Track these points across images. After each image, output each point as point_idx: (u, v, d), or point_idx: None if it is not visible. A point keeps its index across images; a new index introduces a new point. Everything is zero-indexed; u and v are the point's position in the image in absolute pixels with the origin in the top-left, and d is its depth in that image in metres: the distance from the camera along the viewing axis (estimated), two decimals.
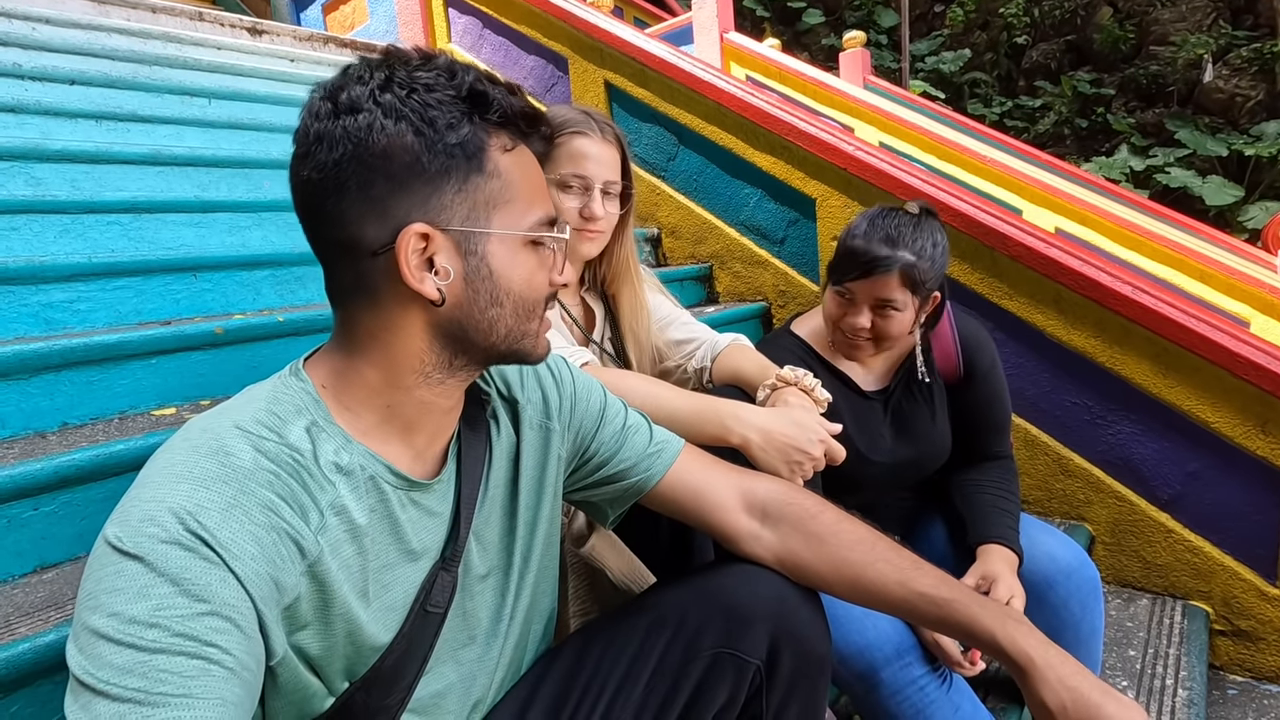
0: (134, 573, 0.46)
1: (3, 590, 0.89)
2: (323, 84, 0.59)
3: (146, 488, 0.50)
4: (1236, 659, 1.60)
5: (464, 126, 0.57)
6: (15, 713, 0.75)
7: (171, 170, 1.74)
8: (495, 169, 0.59)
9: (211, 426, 0.55)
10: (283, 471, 0.54)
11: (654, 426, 0.84)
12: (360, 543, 0.59)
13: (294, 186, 0.59)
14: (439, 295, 0.58)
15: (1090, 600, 1.11)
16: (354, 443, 0.59)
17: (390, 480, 0.61)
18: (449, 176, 0.57)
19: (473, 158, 0.58)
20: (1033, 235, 1.78)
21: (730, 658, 0.72)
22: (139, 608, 0.45)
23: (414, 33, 3.40)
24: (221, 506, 0.50)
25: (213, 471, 0.51)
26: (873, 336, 1.17)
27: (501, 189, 0.60)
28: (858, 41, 4.98)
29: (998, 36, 9.86)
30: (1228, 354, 1.55)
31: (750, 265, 2.32)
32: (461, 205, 0.58)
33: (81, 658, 0.45)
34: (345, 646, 0.59)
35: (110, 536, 0.48)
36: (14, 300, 1.24)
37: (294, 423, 0.57)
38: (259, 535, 0.51)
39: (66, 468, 0.96)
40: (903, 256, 1.11)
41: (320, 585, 0.56)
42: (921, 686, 0.97)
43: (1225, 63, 8.28)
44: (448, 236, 0.58)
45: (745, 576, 0.76)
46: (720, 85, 2.27)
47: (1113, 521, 1.73)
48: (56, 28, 2.31)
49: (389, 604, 0.62)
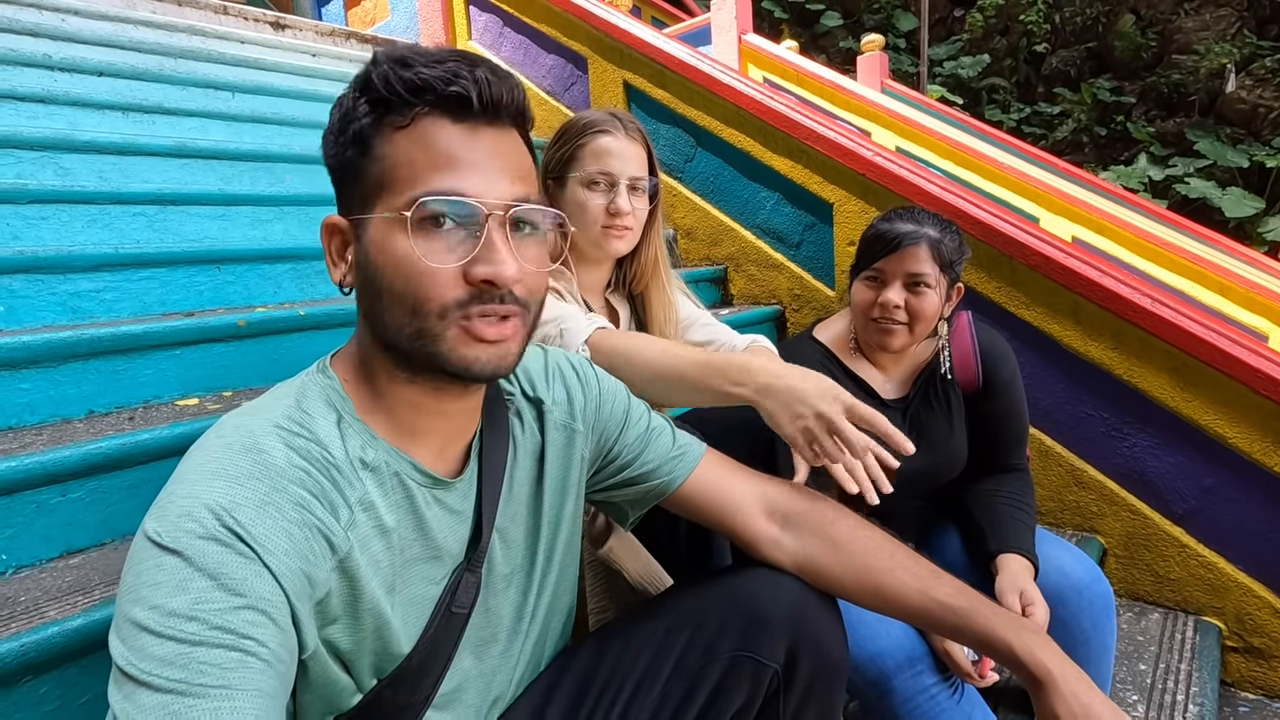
0: (173, 567, 0.47)
1: (31, 574, 0.91)
2: None
3: (183, 484, 0.52)
4: (1249, 676, 1.59)
5: (360, 110, 0.58)
6: (44, 694, 0.76)
7: (196, 163, 1.77)
8: (381, 153, 0.57)
9: (245, 424, 0.56)
10: (314, 469, 0.55)
11: (678, 431, 0.85)
12: (388, 539, 0.60)
13: None
14: (346, 287, 0.61)
15: (1102, 617, 1.11)
16: (378, 439, 0.60)
17: (415, 477, 0.62)
18: (347, 167, 0.59)
19: (360, 143, 0.58)
20: (1052, 245, 1.77)
21: (749, 661, 0.72)
22: (178, 601, 0.46)
23: (434, 29, 3.41)
24: (256, 503, 0.51)
25: (246, 469, 0.52)
26: (907, 319, 1.18)
27: (384, 171, 0.56)
28: (876, 45, 4.96)
29: (1017, 42, 9.79)
30: (1247, 369, 1.54)
31: (765, 268, 2.32)
32: (355, 194, 0.59)
33: (124, 648, 0.46)
34: (373, 642, 0.60)
35: (149, 531, 0.49)
36: (43, 289, 1.27)
37: (324, 419, 0.58)
38: (291, 531, 0.52)
39: (94, 455, 0.97)
40: (927, 232, 1.18)
41: (350, 580, 0.57)
42: (933, 695, 0.97)
43: (1249, 73, 8.18)
44: (352, 227, 0.60)
45: (765, 581, 0.76)
46: (739, 88, 2.27)
47: (1126, 534, 1.73)
48: (85, 20, 2.34)
49: (414, 599, 0.63)
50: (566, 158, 1.15)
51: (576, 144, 1.14)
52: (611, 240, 1.15)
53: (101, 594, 0.84)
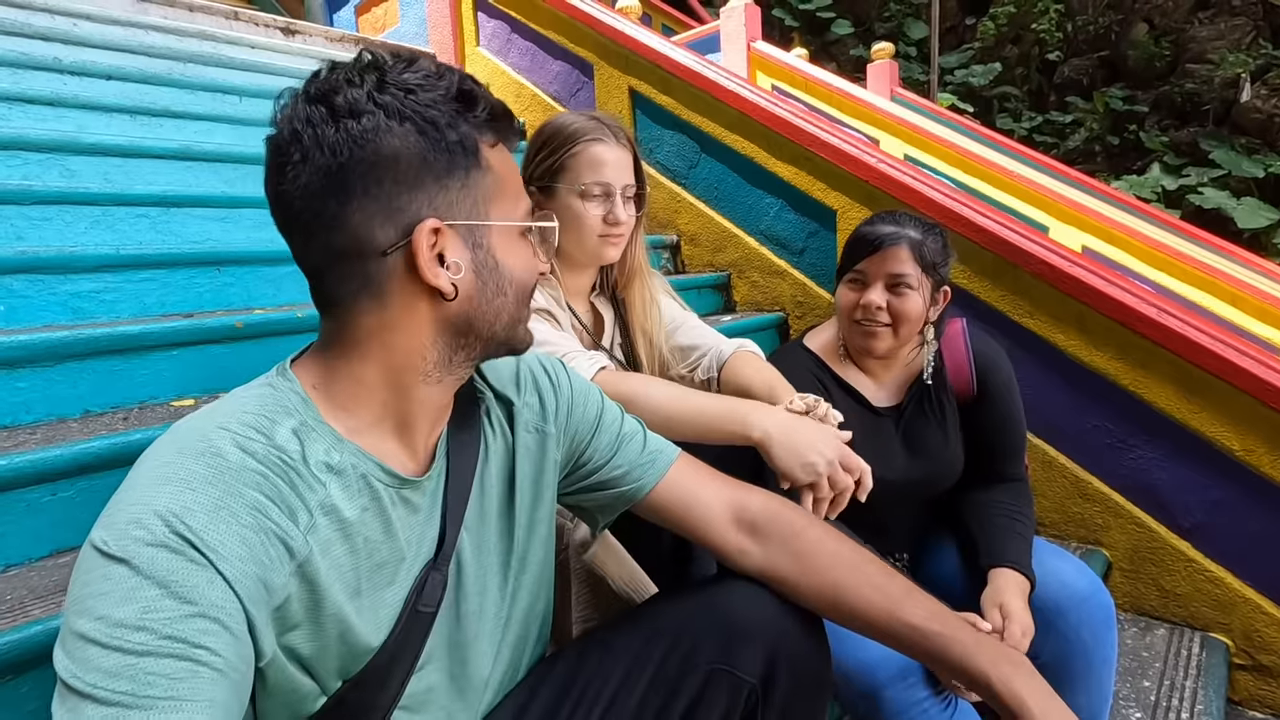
0: (120, 576, 0.46)
1: (19, 573, 0.91)
2: (299, 91, 0.58)
3: (132, 490, 0.50)
4: (1257, 695, 1.56)
5: (460, 124, 0.59)
6: (25, 693, 0.76)
7: (201, 166, 1.78)
8: (489, 164, 0.61)
9: (198, 427, 0.55)
10: (270, 472, 0.54)
11: (650, 435, 0.84)
12: (352, 542, 0.59)
13: (283, 197, 0.58)
14: (452, 289, 0.59)
15: (1102, 629, 1.09)
16: (345, 441, 0.60)
17: (382, 479, 0.61)
18: (454, 173, 0.59)
19: (470, 154, 0.60)
20: (1055, 253, 1.75)
21: (726, 675, 0.71)
22: (125, 611, 0.45)
23: (443, 36, 3.44)
24: (208, 508, 0.50)
25: (199, 473, 0.51)
26: (890, 321, 1.18)
27: (495, 183, 0.62)
28: (886, 53, 4.96)
29: (1029, 51, 9.75)
30: (1256, 381, 1.51)
31: (769, 275, 2.32)
32: (465, 200, 0.60)
33: (69, 661, 0.45)
34: (338, 646, 0.59)
35: (96, 541, 0.48)
36: (43, 289, 1.28)
37: (281, 423, 0.57)
38: (246, 536, 0.51)
39: (85, 455, 0.98)
40: (909, 233, 1.18)
41: (310, 585, 0.56)
42: (925, 709, 0.95)
43: (1264, 82, 8.11)
44: (456, 231, 0.60)
45: (744, 593, 0.75)
46: (743, 94, 2.27)
47: (1131, 548, 1.70)
48: (96, 24, 2.37)
49: (382, 603, 0.62)
50: (556, 167, 1.16)
51: (567, 152, 1.15)
52: (606, 246, 1.17)
53: None
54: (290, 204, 0.57)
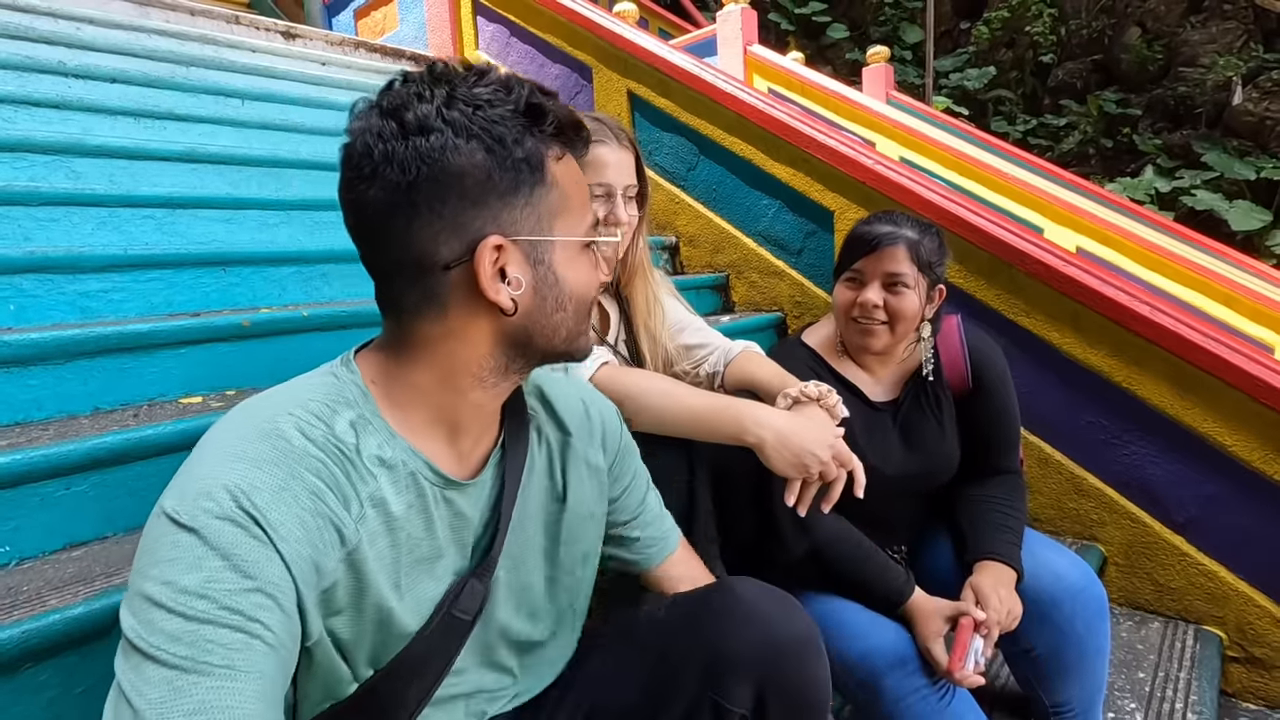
0: (188, 544, 0.49)
1: (34, 565, 0.92)
2: (372, 101, 0.59)
3: (203, 464, 0.53)
4: (1250, 687, 1.58)
5: (527, 140, 0.59)
6: (44, 681, 0.77)
7: (205, 168, 1.80)
8: (554, 179, 0.61)
9: (266, 409, 0.57)
10: (329, 459, 0.56)
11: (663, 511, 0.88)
12: (395, 535, 0.60)
13: (352, 206, 0.59)
14: (512, 305, 0.60)
15: (1095, 620, 1.11)
16: (397, 438, 0.61)
17: (429, 477, 0.63)
18: (518, 190, 0.59)
19: (536, 170, 0.60)
20: (1051, 253, 1.77)
21: (713, 704, 0.70)
22: (191, 578, 0.47)
23: (442, 40, 3.46)
24: (273, 488, 0.52)
25: (266, 453, 0.53)
26: (887, 319, 1.20)
27: (560, 198, 0.62)
28: (881, 56, 4.99)
29: (1024, 54, 9.81)
30: (1248, 377, 1.53)
31: (767, 275, 2.34)
32: (529, 217, 0.60)
33: (135, 621, 0.47)
34: (374, 635, 0.60)
35: (167, 508, 0.50)
36: (52, 288, 1.29)
37: (341, 414, 0.59)
38: (304, 519, 0.53)
39: (98, 450, 0.99)
40: (905, 233, 1.20)
41: (356, 573, 0.58)
42: (924, 696, 0.97)
43: (1255, 85, 8.17)
44: (518, 247, 0.60)
45: (734, 619, 0.73)
46: (741, 97, 2.29)
47: (1126, 543, 1.72)
48: (100, 28, 2.39)
49: (418, 598, 0.63)
50: None
51: None
52: None
53: (103, 584, 0.86)
54: (360, 214, 0.59)
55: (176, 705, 0.44)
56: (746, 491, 1.05)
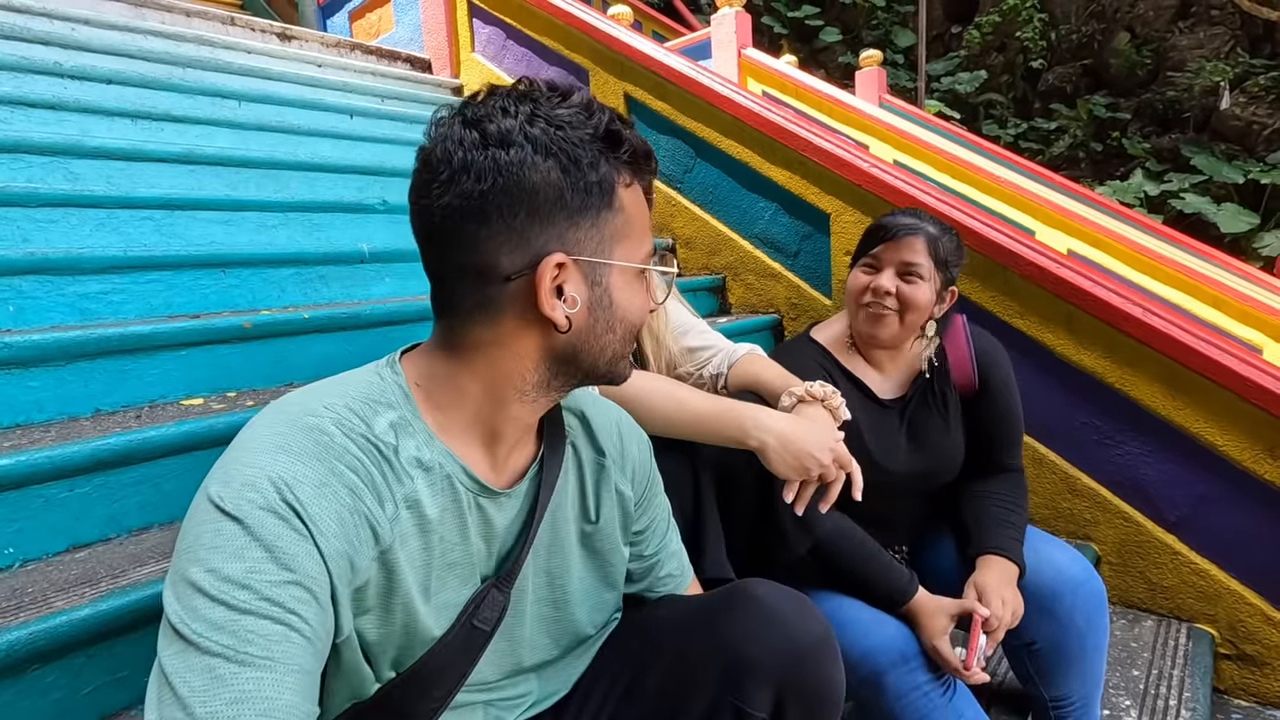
0: (232, 533, 0.49)
1: (38, 567, 0.92)
2: (456, 110, 0.60)
3: (248, 452, 0.53)
4: (1242, 684, 1.60)
5: (601, 165, 0.60)
6: (50, 683, 0.78)
7: (203, 169, 1.79)
8: (621, 205, 0.63)
9: (308, 405, 0.58)
10: (366, 458, 0.57)
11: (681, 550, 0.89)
12: (427, 539, 0.61)
13: (425, 210, 0.60)
14: (566, 322, 0.61)
15: (1095, 613, 1.12)
16: (436, 441, 0.62)
17: (465, 482, 0.63)
18: (586, 211, 0.60)
19: (606, 194, 0.61)
20: (1046, 255, 1.80)
21: (733, 707, 0.71)
22: (234, 567, 0.48)
23: (438, 41, 3.46)
24: (315, 483, 0.53)
25: (308, 447, 0.54)
26: (898, 307, 1.21)
27: (624, 223, 0.63)
28: (874, 60, 5.02)
29: (1014, 59, 9.89)
30: (1238, 378, 1.56)
31: (763, 277, 2.35)
32: (593, 238, 0.61)
33: (179, 605, 0.48)
34: (400, 637, 0.61)
35: (213, 495, 0.51)
36: (51, 290, 1.29)
37: (382, 414, 0.60)
38: (343, 515, 0.54)
39: (101, 451, 0.99)
40: (926, 228, 1.22)
41: (388, 573, 0.58)
42: (926, 692, 0.98)
43: (1242, 90, 8.27)
44: (578, 267, 0.61)
45: (754, 621, 0.73)
46: (738, 100, 2.31)
47: (1119, 542, 1.74)
48: (95, 29, 2.38)
49: (445, 602, 0.64)
50: None
51: None
52: None
53: (108, 586, 0.86)
54: (431, 217, 0.60)
55: (219, 694, 0.45)
56: (750, 491, 1.06)
